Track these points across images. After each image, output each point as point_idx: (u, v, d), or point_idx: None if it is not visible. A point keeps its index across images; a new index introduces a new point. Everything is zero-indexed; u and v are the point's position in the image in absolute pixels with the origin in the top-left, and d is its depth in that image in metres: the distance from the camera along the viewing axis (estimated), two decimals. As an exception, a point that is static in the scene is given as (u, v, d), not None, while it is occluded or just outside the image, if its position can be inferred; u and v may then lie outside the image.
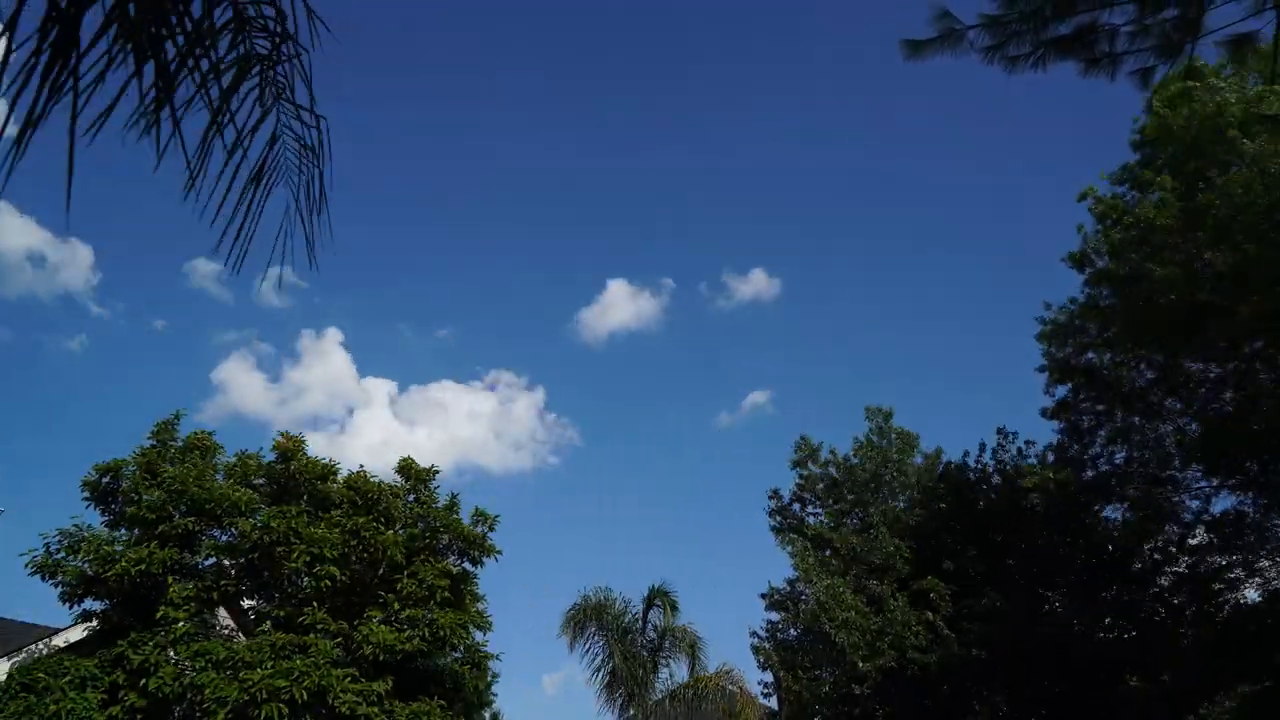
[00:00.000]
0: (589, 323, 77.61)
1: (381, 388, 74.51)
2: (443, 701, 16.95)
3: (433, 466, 19.24)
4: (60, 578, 15.99)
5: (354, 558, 17.28)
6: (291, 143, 3.43)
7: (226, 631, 17.17)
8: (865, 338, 76.52)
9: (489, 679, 19.77)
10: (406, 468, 19.15)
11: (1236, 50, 6.94)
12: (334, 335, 72.40)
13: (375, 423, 70.23)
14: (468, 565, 18.62)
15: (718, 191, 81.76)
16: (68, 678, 14.81)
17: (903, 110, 77.37)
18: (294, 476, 18.18)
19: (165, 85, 2.77)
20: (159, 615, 15.46)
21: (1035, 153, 73.20)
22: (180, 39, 2.83)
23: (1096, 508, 23.34)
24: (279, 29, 3.19)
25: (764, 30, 77.75)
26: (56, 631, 18.36)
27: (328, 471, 18.40)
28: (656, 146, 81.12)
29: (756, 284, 73.93)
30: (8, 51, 2.42)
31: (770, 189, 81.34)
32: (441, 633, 16.87)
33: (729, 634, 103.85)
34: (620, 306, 75.61)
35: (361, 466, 18.73)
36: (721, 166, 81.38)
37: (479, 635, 18.30)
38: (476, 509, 18.86)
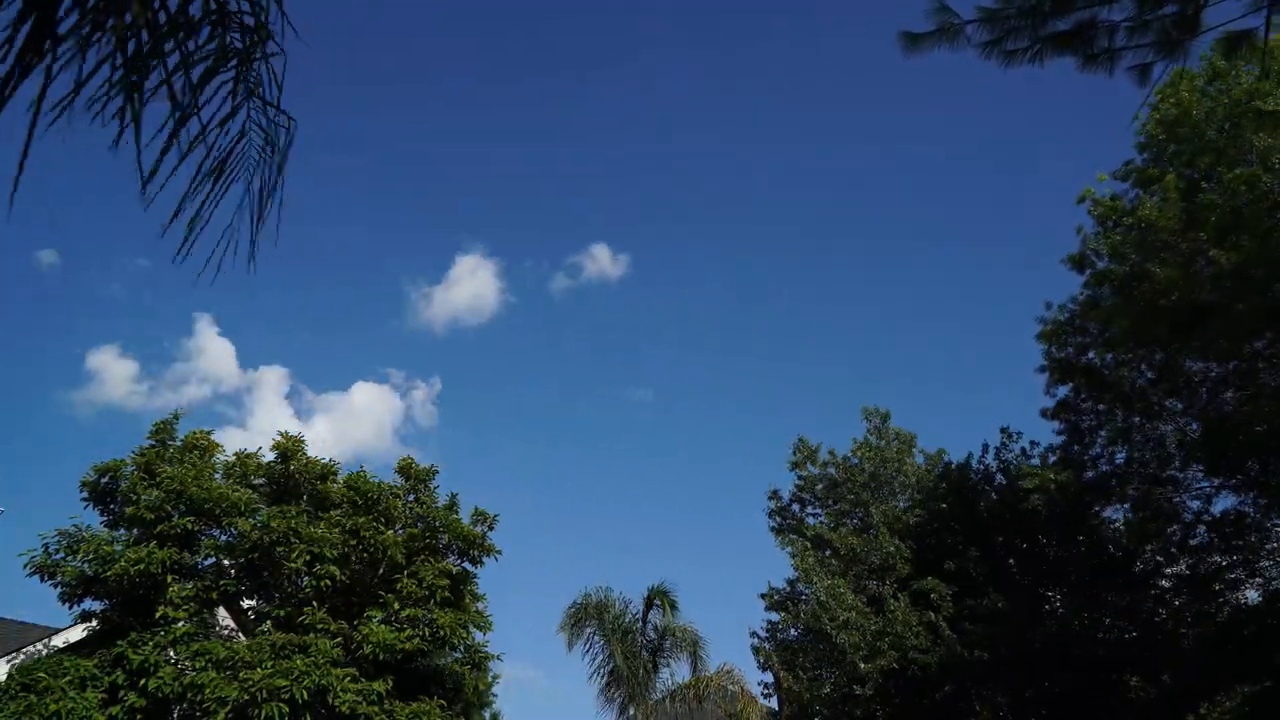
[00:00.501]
0: (443, 305, 76.75)
1: (266, 381, 73.45)
2: (443, 701, 16.95)
3: (432, 466, 19.25)
4: (59, 578, 15.97)
5: (354, 557, 17.28)
6: (256, 140, 3.43)
7: (226, 631, 17.16)
8: (860, 337, 76.51)
9: (489, 679, 19.76)
10: (406, 468, 19.15)
11: (1235, 47, 6.94)
12: (209, 328, 70.58)
13: (266, 416, 69.44)
14: (467, 565, 18.63)
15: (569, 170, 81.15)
16: (68, 678, 14.78)
17: (901, 106, 77.38)
18: (293, 476, 18.18)
19: (135, 67, 2.76)
20: (158, 615, 15.46)
21: (1035, 151, 73.21)
22: (159, 24, 2.83)
23: (1097, 508, 23.32)
24: (258, 26, 3.20)
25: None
26: (56, 631, 18.35)
27: (327, 471, 18.41)
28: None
29: (601, 260, 74.39)
30: None
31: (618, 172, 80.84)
32: (441, 633, 16.86)
33: (729, 634, 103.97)
34: (465, 284, 75.43)
35: (362, 467, 18.75)
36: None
37: (479, 635, 18.31)
38: (476, 509, 18.88)
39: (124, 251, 71.75)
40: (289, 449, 18.17)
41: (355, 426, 70.93)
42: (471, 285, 76.19)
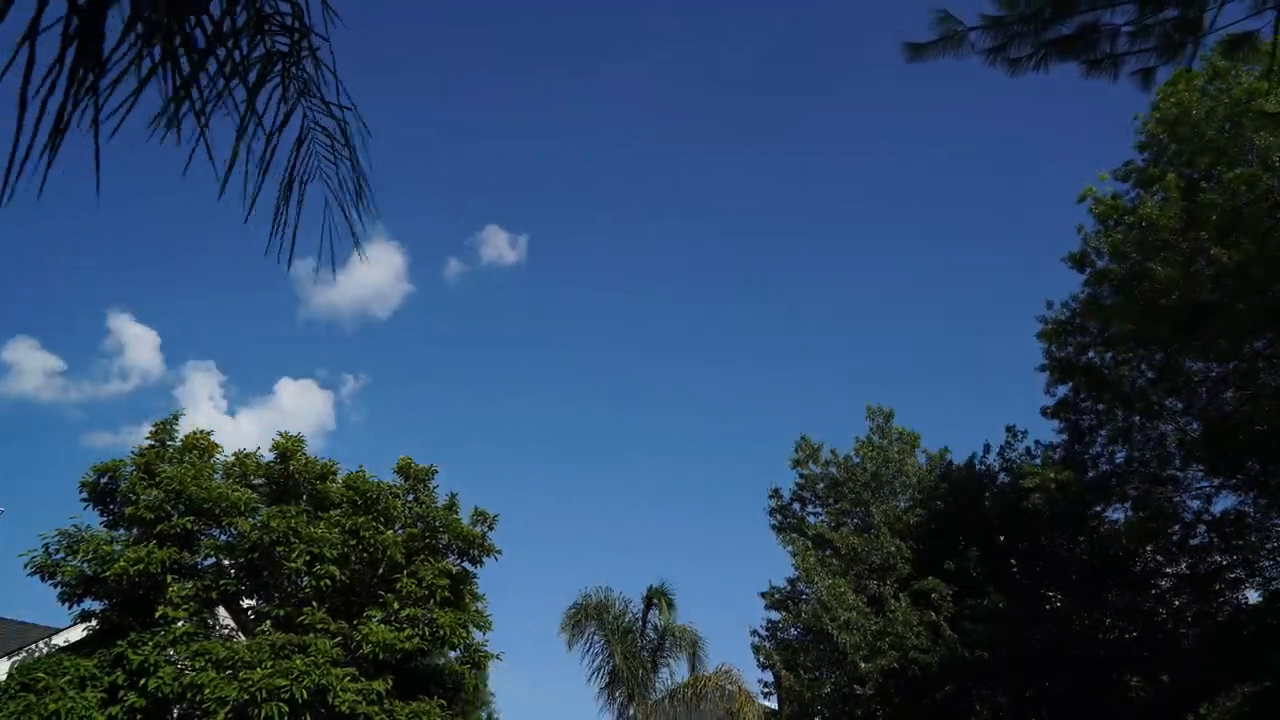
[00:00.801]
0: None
1: (193, 376, 72.37)
2: (442, 701, 16.95)
3: (431, 466, 19.21)
4: (59, 578, 15.96)
5: (353, 557, 17.27)
6: (321, 137, 3.46)
7: (226, 631, 17.16)
8: (860, 338, 76.52)
9: (488, 679, 19.77)
10: (405, 468, 19.11)
11: (1237, 49, 6.93)
12: (129, 323, 69.06)
13: (197, 413, 68.22)
14: (467, 565, 18.61)
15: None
16: (67, 677, 14.78)
17: (902, 105, 77.36)
18: (293, 476, 18.16)
19: (189, 87, 2.78)
20: (158, 615, 15.45)
21: (1037, 151, 73.16)
22: (200, 40, 2.84)
23: (1098, 508, 23.31)
24: (297, 24, 3.20)
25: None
26: (56, 631, 18.36)
27: (327, 471, 18.40)
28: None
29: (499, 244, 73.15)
30: (31, 53, 2.42)
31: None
32: (441, 632, 16.85)
33: (729, 634, 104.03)
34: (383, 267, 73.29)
35: (361, 467, 18.72)
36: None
37: (479, 635, 18.30)
38: (476, 509, 18.86)
39: (39, 247, 70.98)
40: (288, 449, 18.15)
41: (287, 425, 69.98)
42: (374, 270, 74.55)
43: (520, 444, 77.04)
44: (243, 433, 68.32)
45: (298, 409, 70.94)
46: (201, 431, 18.26)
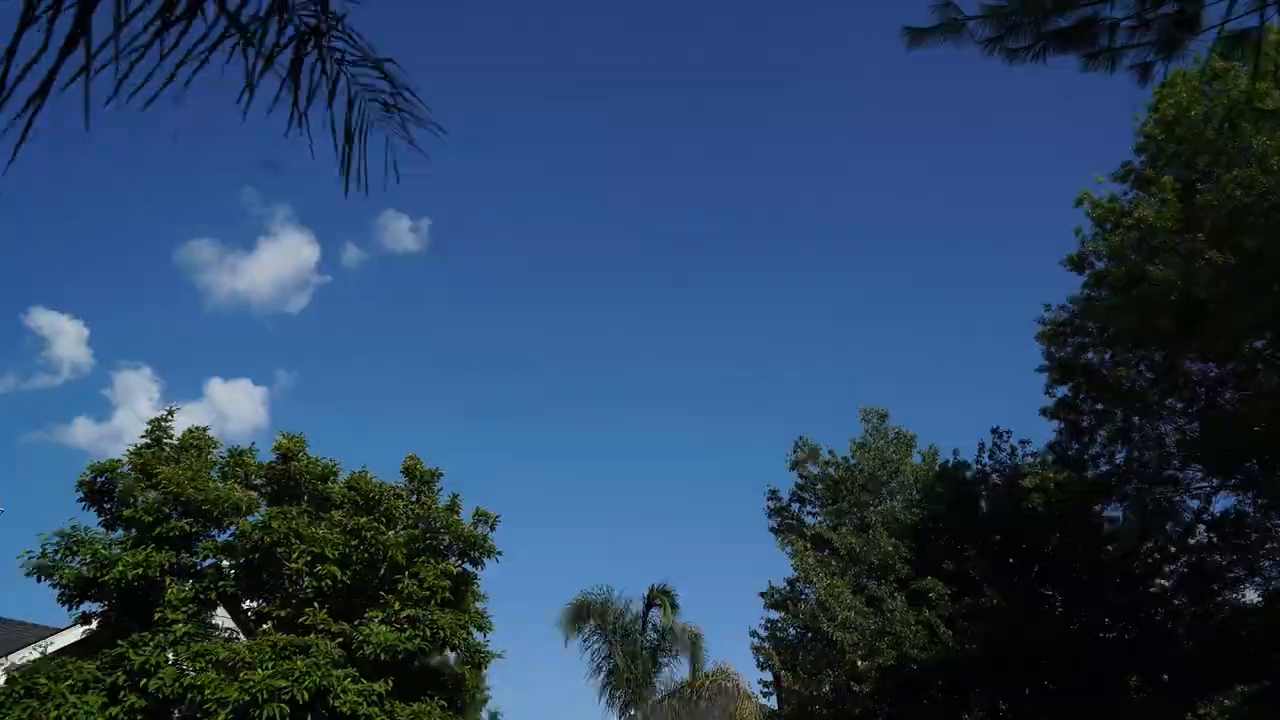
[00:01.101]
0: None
1: (120, 376, 70.70)
2: (443, 702, 16.95)
3: (437, 469, 19.21)
4: (58, 578, 15.94)
5: (355, 558, 17.27)
6: (370, 100, 3.53)
7: (227, 633, 17.15)
8: (861, 338, 76.60)
9: (484, 676, 19.74)
10: (410, 469, 19.12)
11: (1236, 46, 6.96)
12: (52, 317, 66.96)
13: (130, 412, 66.42)
14: (468, 566, 18.62)
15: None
16: (69, 681, 14.77)
17: (900, 104, 77.51)
18: (294, 477, 18.17)
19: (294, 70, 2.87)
20: (156, 617, 15.44)
21: (1035, 151, 73.31)
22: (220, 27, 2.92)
23: (1097, 507, 23.34)
24: None
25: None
26: (55, 632, 18.35)
27: (328, 472, 18.41)
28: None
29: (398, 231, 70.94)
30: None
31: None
32: (442, 633, 16.86)
33: (729, 634, 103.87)
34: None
35: (364, 467, 18.72)
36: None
37: (480, 636, 18.29)
38: (478, 509, 18.87)
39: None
40: (289, 449, 18.16)
41: (223, 425, 68.70)
42: (287, 258, 71.48)
43: (493, 446, 76.15)
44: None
45: (232, 408, 69.34)
46: (198, 428, 18.29)
